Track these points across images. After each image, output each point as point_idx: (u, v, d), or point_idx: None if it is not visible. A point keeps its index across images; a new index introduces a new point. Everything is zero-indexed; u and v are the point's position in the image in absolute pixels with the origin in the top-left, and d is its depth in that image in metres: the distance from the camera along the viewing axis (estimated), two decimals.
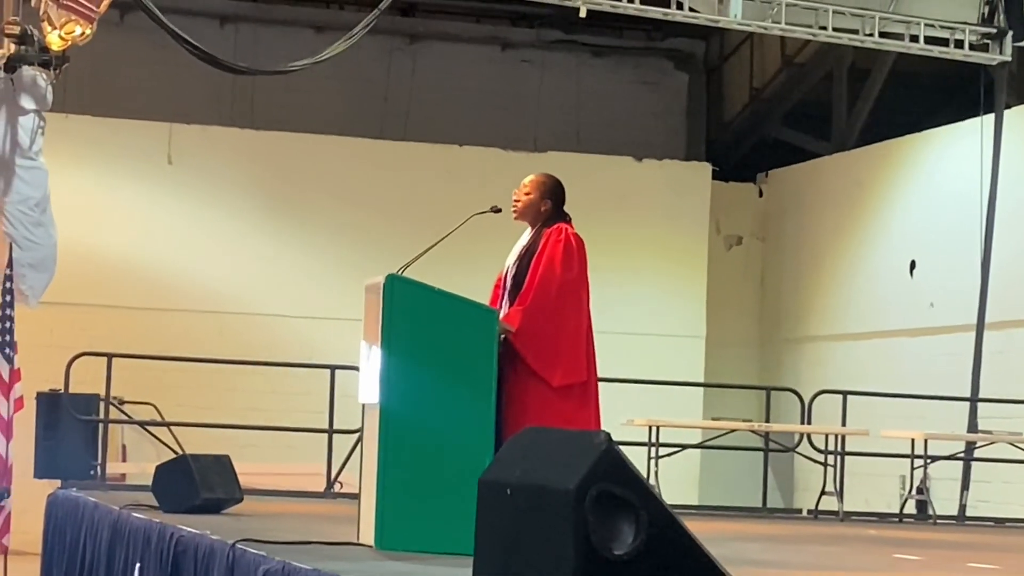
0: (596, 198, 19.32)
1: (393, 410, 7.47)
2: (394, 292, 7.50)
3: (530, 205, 8.13)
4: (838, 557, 9.94)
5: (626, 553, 4.90)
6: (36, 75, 12.84)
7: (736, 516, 14.99)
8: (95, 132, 19.03)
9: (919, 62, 18.22)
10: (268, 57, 18.72)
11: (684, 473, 18.26)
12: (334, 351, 16.73)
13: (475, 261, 13.10)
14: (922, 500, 15.56)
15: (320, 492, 14.16)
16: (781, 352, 21.60)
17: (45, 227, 13.15)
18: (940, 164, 19.04)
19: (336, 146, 20.06)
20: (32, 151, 12.96)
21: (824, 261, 20.90)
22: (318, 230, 19.77)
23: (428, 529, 7.38)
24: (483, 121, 21.81)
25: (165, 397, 17.48)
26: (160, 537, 9.10)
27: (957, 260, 18.12)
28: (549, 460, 5.08)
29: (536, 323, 7.80)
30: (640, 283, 20.52)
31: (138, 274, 19.00)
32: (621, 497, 4.93)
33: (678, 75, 23.44)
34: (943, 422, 16.75)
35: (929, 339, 18.76)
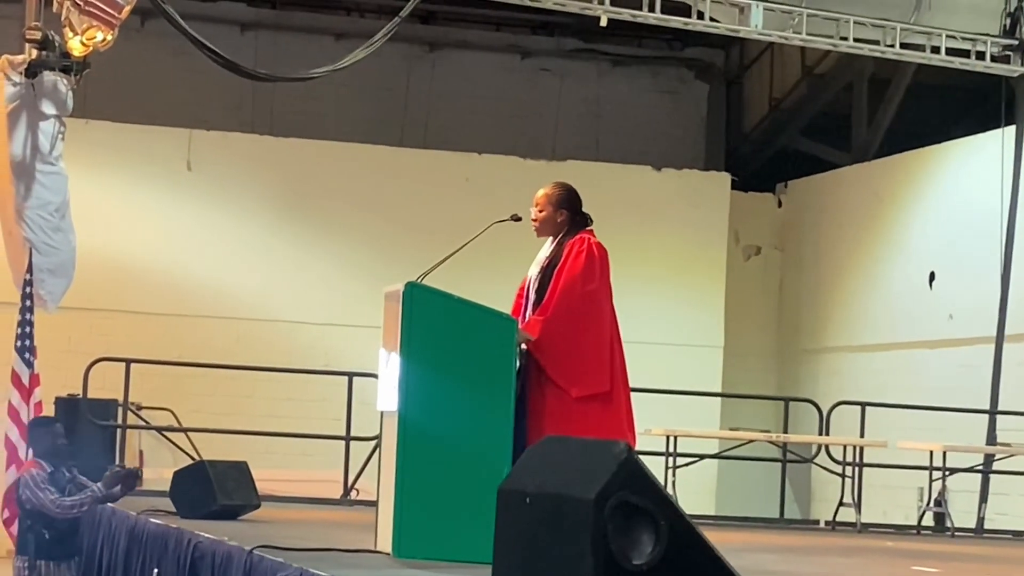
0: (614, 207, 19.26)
1: (412, 417, 7.45)
2: (414, 299, 7.49)
3: (546, 221, 8.11)
4: (856, 569, 9.90)
5: (645, 563, 4.88)
6: (57, 80, 12.87)
7: (753, 527, 14.96)
8: (115, 138, 19.06)
9: (940, 73, 18.18)
10: (288, 64, 18.72)
11: (701, 483, 18.22)
12: (351, 358, 16.75)
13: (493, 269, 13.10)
14: (940, 512, 15.51)
15: (337, 499, 14.16)
16: (799, 363, 21.55)
17: (64, 232, 13.17)
18: (960, 176, 18.99)
19: (355, 153, 20.07)
20: (52, 156, 12.98)
21: (843, 272, 20.86)
22: (336, 237, 19.77)
23: (446, 537, 7.37)
24: (502, 129, 21.81)
25: (182, 403, 17.51)
26: (177, 543, 9.10)
27: (977, 272, 18.07)
28: (569, 469, 5.07)
29: (556, 334, 7.78)
30: (658, 293, 20.49)
31: (156, 280, 19.02)
32: (640, 507, 4.91)
33: (698, 85, 23.43)
34: (962, 434, 16.70)
35: (948, 351, 18.71)
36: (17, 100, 12.81)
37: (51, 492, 9.61)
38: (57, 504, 9.56)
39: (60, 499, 9.58)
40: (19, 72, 12.77)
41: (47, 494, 9.59)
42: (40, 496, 9.58)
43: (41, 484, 9.64)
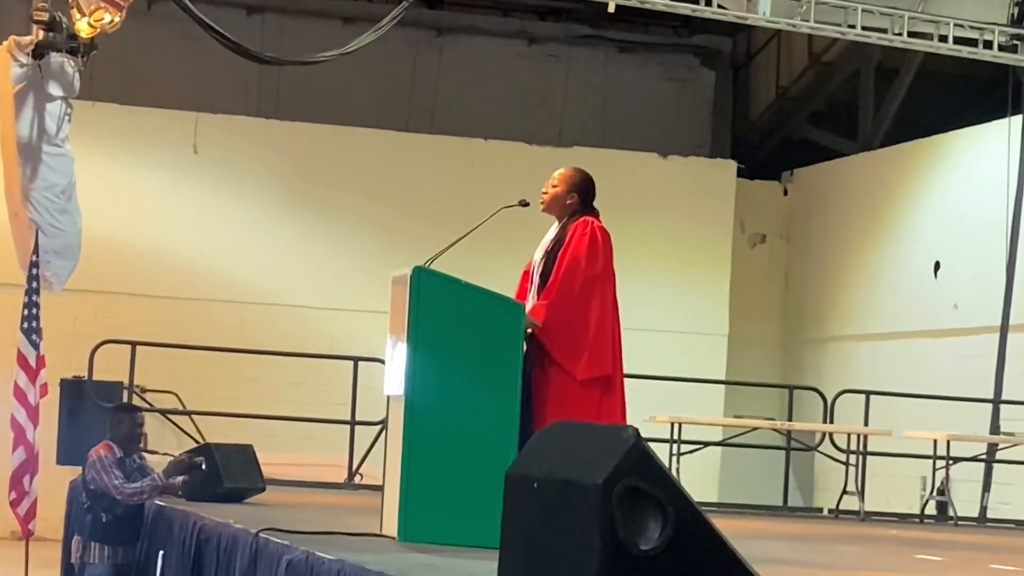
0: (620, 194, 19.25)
1: (418, 402, 7.46)
2: (421, 284, 7.50)
3: (556, 198, 8.12)
4: (861, 557, 9.91)
5: (652, 548, 4.88)
6: (64, 62, 12.85)
7: (757, 514, 14.97)
8: (121, 120, 19.06)
9: (947, 62, 18.15)
10: (295, 48, 18.71)
11: (704, 470, 18.24)
12: (356, 343, 16.77)
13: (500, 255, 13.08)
14: (943, 501, 15.53)
15: (341, 483, 14.16)
16: (804, 351, 21.55)
17: (70, 214, 13.16)
18: (966, 165, 18.97)
19: (361, 138, 20.06)
20: (58, 138, 12.97)
21: (848, 261, 20.85)
22: (342, 222, 19.77)
23: (451, 522, 7.38)
24: (508, 115, 21.79)
25: (187, 386, 17.51)
26: (183, 526, 9.12)
27: (982, 262, 18.06)
28: (576, 454, 5.06)
29: (560, 316, 7.79)
30: (663, 280, 20.49)
31: (162, 263, 19.02)
32: (648, 492, 4.91)
33: (704, 72, 23.40)
34: (965, 424, 16.70)
35: (953, 340, 18.70)
36: (24, 81, 12.80)
37: (116, 476, 9.64)
38: (119, 489, 9.59)
39: (124, 484, 9.61)
40: (26, 53, 12.76)
41: (112, 478, 9.62)
42: (105, 478, 9.61)
43: (109, 467, 9.67)
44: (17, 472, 12.38)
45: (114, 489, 9.60)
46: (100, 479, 9.65)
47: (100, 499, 9.73)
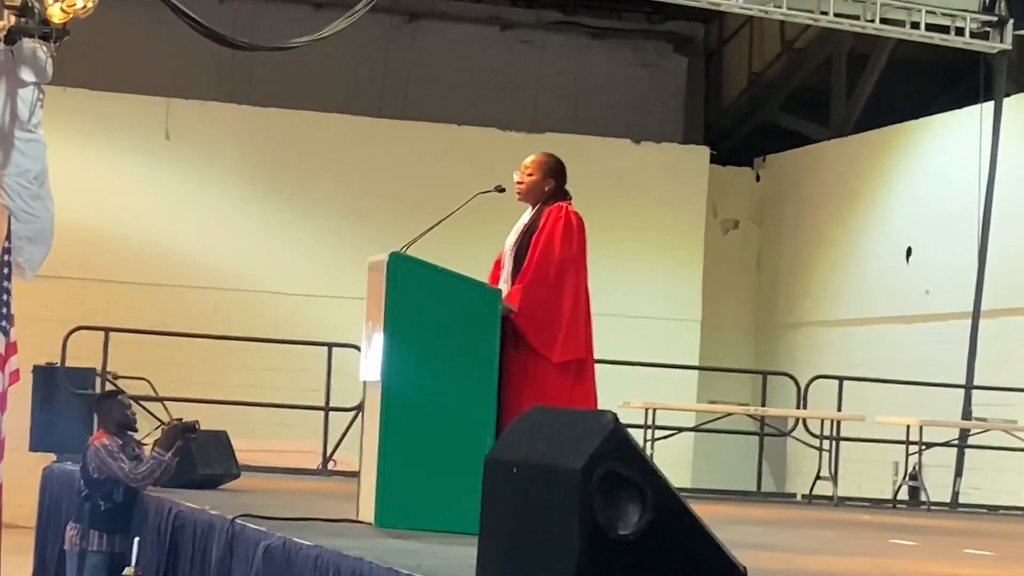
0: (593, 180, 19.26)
1: (395, 388, 7.46)
2: (398, 270, 7.50)
3: (534, 186, 8.11)
4: (836, 542, 9.95)
5: (631, 533, 4.89)
6: (36, 47, 12.78)
7: (730, 499, 15.00)
8: (93, 106, 19.00)
9: (919, 49, 18.20)
10: (267, 33, 18.63)
11: (678, 456, 18.26)
12: (330, 329, 16.74)
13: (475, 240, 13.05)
14: (915, 486, 15.58)
15: (316, 469, 14.15)
16: (776, 337, 21.61)
17: (43, 200, 13.10)
18: (938, 151, 19.03)
19: (335, 124, 20.03)
20: (31, 124, 12.91)
21: (821, 247, 20.91)
22: (315, 207, 19.75)
23: (428, 507, 7.38)
24: (481, 101, 21.77)
25: (160, 373, 17.43)
26: (158, 512, 9.10)
27: (954, 248, 18.12)
28: (556, 439, 5.07)
29: (535, 300, 7.79)
30: (636, 266, 20.51)
31: (134, 249, 18.97)
32: (627, 477, 4.92)
33: (677, 58, 23.41)
34: (938, 409, 16.77)
35: (924, 326, 18.78)
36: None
37: (125, 462, 9.63)
38: (130, 474, 9.57)
39: (135, 468, 9.59)
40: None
41: (121, 464, 9.60)
42: (113, 466, 9.59)
43: (115, 453, 9.65)
44: None
45: (126, 475, 9.59)
46: (108, 467, 9.63)
47: (99, 487, 9.71)
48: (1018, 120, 17.37)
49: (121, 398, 10.24)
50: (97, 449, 9.77)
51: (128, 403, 10.20)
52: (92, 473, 9.76)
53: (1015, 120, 17.31)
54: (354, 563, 5.91)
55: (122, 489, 9.70)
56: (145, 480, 9.62)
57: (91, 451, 9.83)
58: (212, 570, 7.73)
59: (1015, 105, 17.49)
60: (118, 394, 10.51)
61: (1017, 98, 17.68)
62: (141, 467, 9.63)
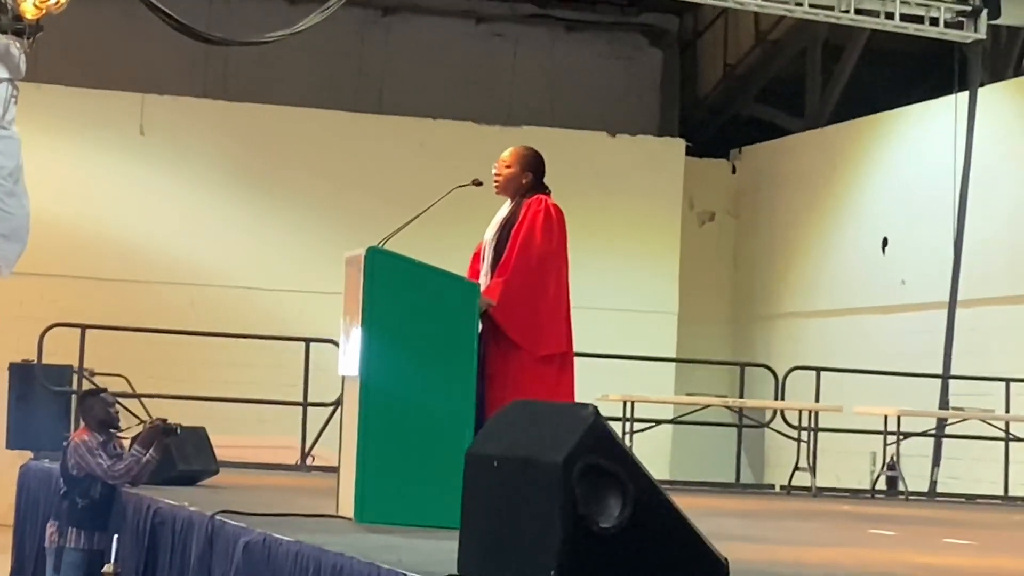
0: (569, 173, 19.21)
1: (373, 382, 7.45)
2: (375, 264, 7.48)
3: (511, 179, 8.09)
4: (815, 533, 9.96)
5: (613, 526, 4.89)
6: (9, 44, 12.74)
7: (709, 491, 15.01)
8: (67, 102, 18.93)
9: (894, 39, 18.21)
10: (242, 28, 18.59)
11: (656, 449, 18.25)
12: (307, 324, 16.70)
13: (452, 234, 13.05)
14: (893, 476, 15.61)
15: (294, 465, 14.13)
16: (753, 329, 21.63)
17: (18, 197, 13.06)
18: (914, 142, 19.07)
19: (310, 118, 20.00)
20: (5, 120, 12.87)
21: (797, 238, 20.93)
22: (291, 202, 19.72)
23: (408, 502, 7.37)
24: (457, 95, 21.75)
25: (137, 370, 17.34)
26: (136, 509, 9.08)
27: (929, 238, 18.16)
28: (536, 433, 5.07)
29: (517, 293, 7.77)
30: (613, 259, 20.51)
31: (110, 246, 18.92)
32: (608, 470, 4.92)
33: (652, 51, 23.41)
34: (915, 399, 16.80)
35: (901, 316, 18.81)
36: None
37: (103, 459, 9.61)
38: (109, 471, 9.55)
39: (113, 465, 9.57)
40: None
41: (100, 460, 9.58)
42: (92, 462, 9.57)
43: (94, 450, 9.63)
44: None
45: (104, 471, 9.57)
46: (86, 463, 9.61)
47: (77, 484, 9.69)
48: (993, 110, 17.41)
49: (104, 396, 10.23)
50: (77, 445, 9.75)
51: (112, 401, 10.18)
52: (71, 470, 9.74)
53: (990, 110, 17.35)
54: (335, 558, 5.90)
55: (99, 486, 9.67)
56: (123, 477, 9.60)
57: (71, 448, 9.81)
58: (192, 567, 7.71)
59: (990, 95, 17.53)
60: (101, 392, 10.48)
61: (991, 88, 17.72)
62: (119, 464, 9.61)
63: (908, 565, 7.47)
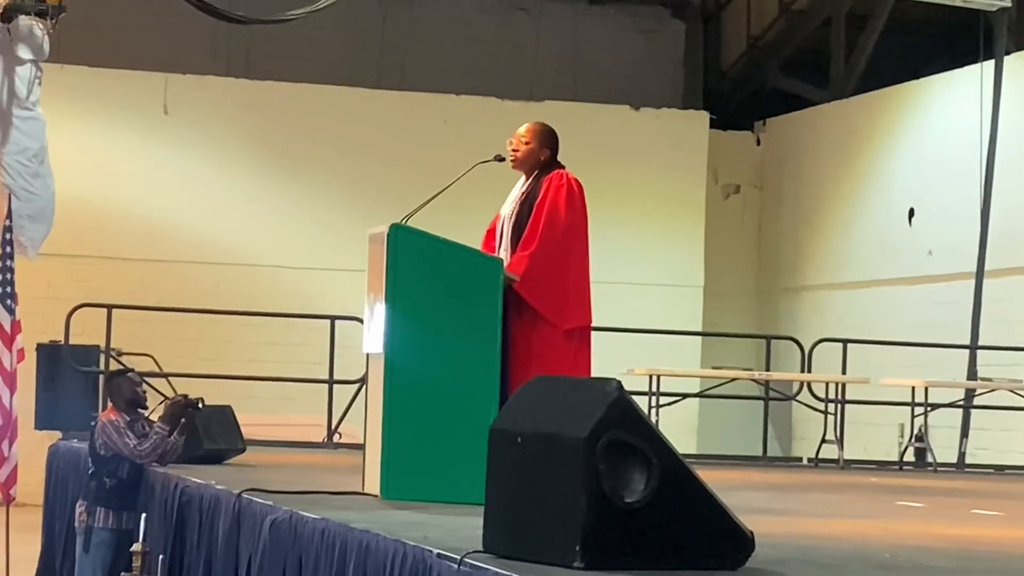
0: (593, 147, 19.27)
1: (398, 359, 7.45)
2: (398, 241, 7.48)
3: (530, 154, 8.10)
4: (842, 505, 9.95)
5: (637, 501, 4.89)
6: (33, 25, 12.77)
7: (736, 465, 15.00)
8: (91, 82, 18.96)
9: (918, 8, 18.13)
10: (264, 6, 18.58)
11: (682, 422, 18.25)
12: (332, 301, 16.73)
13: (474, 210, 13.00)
14: (921, 448, 15.57)
15: (320, 442, 14.15)
16: (779, 301, 21.58)
17: (43, 178, 13.11)
18: (939, 111, 18.98)
19: (333, 96, 20.00)
20: (29, 101, 12.91)
21: (822, 210, 20.87)
22: (315, 180, 19.73)
23: (434, 478, 7.38)
24: (480, 70, 21.71)
25: (163, 349, 17.42)
26: (164, 488, 9.10)
27: (956, 208, 18.08)
28: (560, 408, 5.06)
29: (542, 267, 7.78)
30: (637, 233, 20.48)
31: (135, 225, 18.96)
32: (632, 445, 4.91)
33: (675, 23, 23.33)
34: (942, 370, 16.76)
35: (928, 287, 18.74)
36: None
37: (131, 438, 9.65)
38: (136, 450, 9.59)
39: (139, 445, 9.61)
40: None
41: (126, 440, 9.63)
42: (119, 442, 9.61)
43: (122, 429, 9.67)
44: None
45: (131, 451, 9.61)
46: (113, 443, 9.65)
47: (105, 464, 9.73)
48: (1018, 78, 17.31)
49: (131, 375, 10.26)
50: (104, 425, 9.78)
51: (139, 380, 10.21)
52: (99, 450, 9.77)
53: (1016, 78, 17.25)
54: (360, 535, 5.91)
55: (127, 466, 9.71)
56: (149, 456, 9.63)
57: (98, 427, 9.84)
58: (219, 545, 7.74)
59: (1015, 63, 17.43)
60: (128, 372, 10.52)
61: (1017, 56, 17.62)
62: (146, 443, 9.64)
63: (936, 537, 7.45)
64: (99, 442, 9.77)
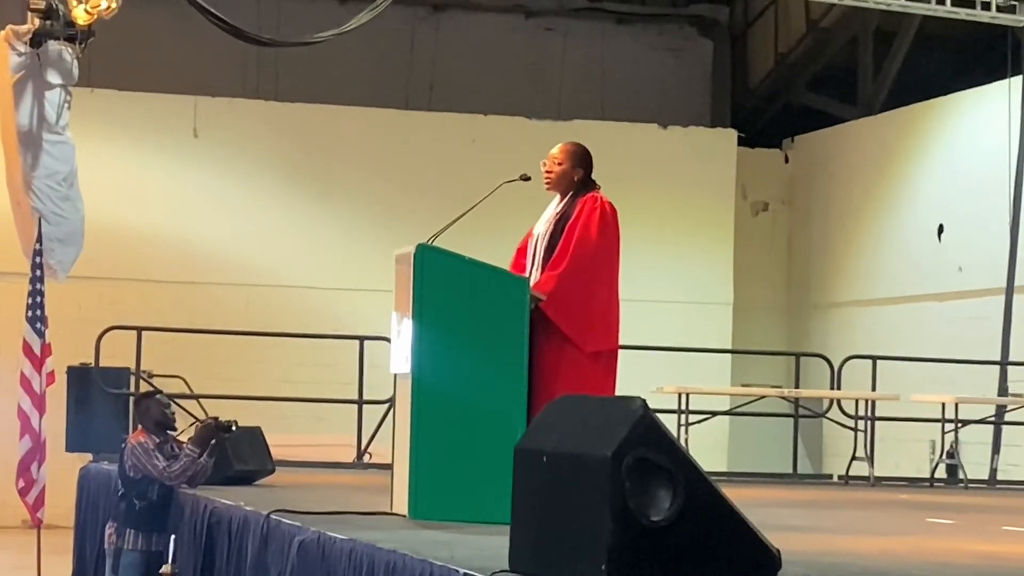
0: (621, 166, 19.26)
1: (425, 379, 7.46)
2: (425, 261, 7.50)
3: (563, 175, 8.10)
4: (872, 522, 9.92)
5: (663, 519, 4.89)
6: (62, 50, 12.82)
7: (766, 482, 14.98)
8: (121, 106, 19.05)
9: (945, 24, 18.12)
10: (292, 29, 18.68)
11: (713, 440, 18.24)
12: (362, 321, 16.77)
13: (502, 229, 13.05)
14: (952, 464, 15.52)
15: (350, 463, 14.17)
16: (809, 318, 21.55)
17: (73, 201, 13.16)
18: (967, 127, 18.94)
19: (361, 117, 20.06)
20: (59, 126, 12.95)
21: (851, 226, 20.83)
22: (344, 201, 19.78)
23: (461, 498, 7.39)
24: (507, 90, 21.76)
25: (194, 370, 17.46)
26: (193, 509, 9.13)
27: (985, 223, 18.04)
28: (585, 427, 5.07)
29: (570, 288, 7.78)
30: (667, 251, 20.48)
31: (165, 248, 19.03)
32: (657, 463, 4.92)
33: (702, 41, 23.35)
34: (973, 386, 16.70)
35: (958, 303, 18.69)
36: (23, 70, 12.78)
37: (160, 460, 9.69)
38: (166, 472, 9.64)
39: (169, 466, 9.66)
40: (24, 42, 12.73)
41: (156, 461, 9.67)
42: (148, 464, 9.66)
43: (151, 451, 9.72)
44: (24, 460, 12.39)
45: (160, 472, 9.65)
46: (143, 465, 9.69)
47: (135, 486, 9.76)
48: None
49: (160, 397, 10.30)
50: (133, 447, 9.82)
51: (167, 402, 10.25)
52: (128, 472, 9.81)
53: None
54: (388, 555, 5.93)
55: (157, 488, 9.74)
56: (179, 478, 9.66)
57: (127, 449, 9.88)
58: (248, 566, 7.76)
59: None
60: (157, 393, 10.56)
61: None
62: (175, 465, 9.67)
63: (966, 553, 7.43)
64: (128, 464, 9.81)
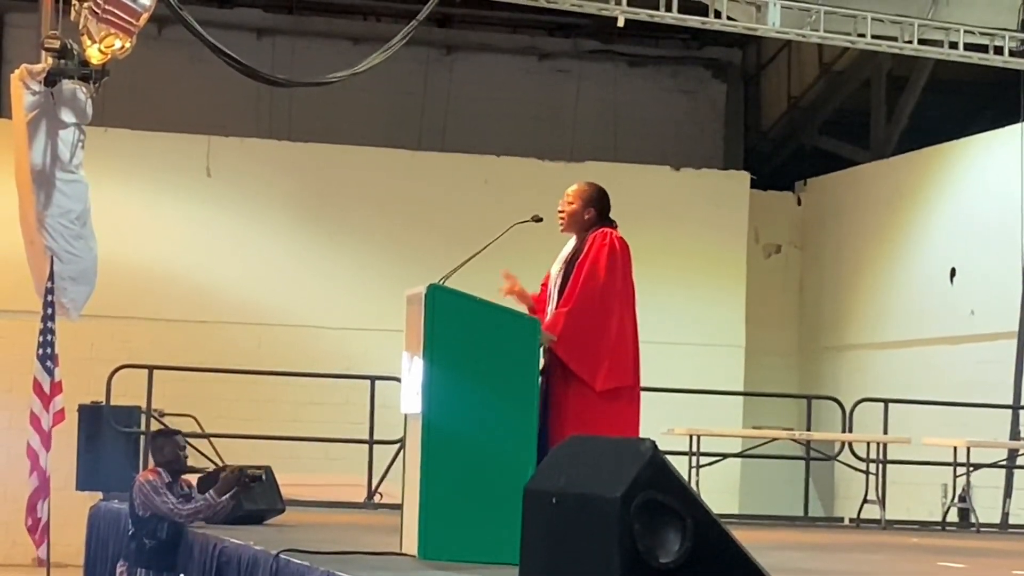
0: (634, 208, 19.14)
1: (435, 420, 7.46)
2: (436, 302, 7.50)
3: (574, 215, 8.14)
4: (882, 565, 9.89)
5: (672, 561, 4.89)
6: (76, 89, 12.88)
7: (777, 525, 14.94)
8: (134, 146, 19.10)
9: (958, 69, 18.13)
10: (305, 69, 18.75)
11: (724, 482, 18.20)
12: (373, 362, 16.76)
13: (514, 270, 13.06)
14: (964, 508, 15.48)
15: (361, 503, 14.16)
16: (821, 361, 21.52)
17: (85, 240, 13.19)
18: (980, 171, 18.95)
19: (374, 157, 20.09)
20: (72, 164, 13.00)
21: (864, 269, 20.82)
22: (356, 241, 19.80)
23: (471, 539, 7.37)
24: (520, 131, 21.80)
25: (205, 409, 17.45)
26: (203, 548, 9.12)
27: (997, 267, 18.03)
28: (594, 468, 5.07)
29: (578, 326, 7.79)
30: (679, 292, 20.46)
31: (178, 287, 19.05)
32: (667, 505, 4.91)
33: (715, 84, 23.40)
34: (985, 430, 16.66)
35: (970, 347, 18.66)
36: (37, 109, 12.84)
37: (170, 499, 9.70)
38: (176, 510, 9.64)
39: (179, 506, 9.66)
40: (38, 81, 12.80)
41: (166, 499, 9.67)
42: (157, 501, 9.66)
43: (160, 489, 9.72)
44: (32, 498, 12.40)
45: (171, 511, 9.65)
46: (151, 503, 9.69)
47: (145, 524, 9.76)
48: None
49: (177, 438, 10.29)
50: (141, 485, 9.81)
51: (183, 444, 10.25)
52: (137, 510, 9.81)
53: None
54: None
55: (167, 526, 9.73)
56: (189, 517, 9.65)
57: (136, 487, 9.88)
58: None
59: None
60: (175, 433, 10.56)
61: None
62: (188, 505, 9.67)
63: None
64: (137, 502, 9.81)
